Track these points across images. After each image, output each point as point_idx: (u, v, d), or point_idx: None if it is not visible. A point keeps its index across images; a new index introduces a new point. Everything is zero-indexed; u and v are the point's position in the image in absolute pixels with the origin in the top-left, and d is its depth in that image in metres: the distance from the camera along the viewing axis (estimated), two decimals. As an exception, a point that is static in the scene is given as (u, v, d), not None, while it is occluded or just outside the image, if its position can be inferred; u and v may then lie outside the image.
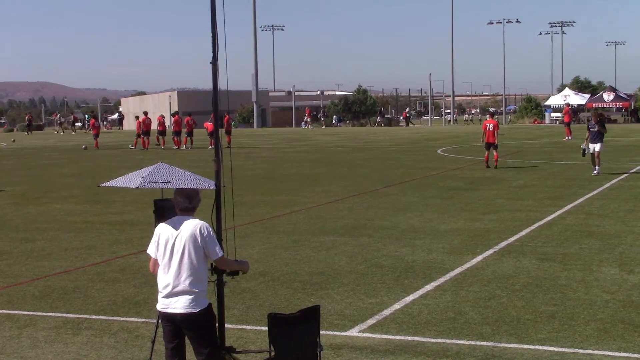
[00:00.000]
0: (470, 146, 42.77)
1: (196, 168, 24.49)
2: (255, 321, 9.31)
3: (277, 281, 11.42)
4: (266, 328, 6.81)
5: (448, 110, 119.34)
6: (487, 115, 32.19)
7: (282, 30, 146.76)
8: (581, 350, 8.09)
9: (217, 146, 7.12)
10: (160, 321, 6.77)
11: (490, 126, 28.81)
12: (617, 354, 7.99)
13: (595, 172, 25.29)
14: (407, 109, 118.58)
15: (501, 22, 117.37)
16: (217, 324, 6.80)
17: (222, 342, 6.94)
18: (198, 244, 6.49)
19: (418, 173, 27.80)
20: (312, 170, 30.48)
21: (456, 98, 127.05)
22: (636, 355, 7.93)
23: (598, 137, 25.70)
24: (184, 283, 6.48)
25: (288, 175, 28.54)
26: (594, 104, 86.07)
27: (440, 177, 26.47)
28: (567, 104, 63.42)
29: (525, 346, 8.27)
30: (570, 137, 46.39)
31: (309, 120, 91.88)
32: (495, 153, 28.62)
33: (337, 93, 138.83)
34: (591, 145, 25.74)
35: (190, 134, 45.49)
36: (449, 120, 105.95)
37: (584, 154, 26.38)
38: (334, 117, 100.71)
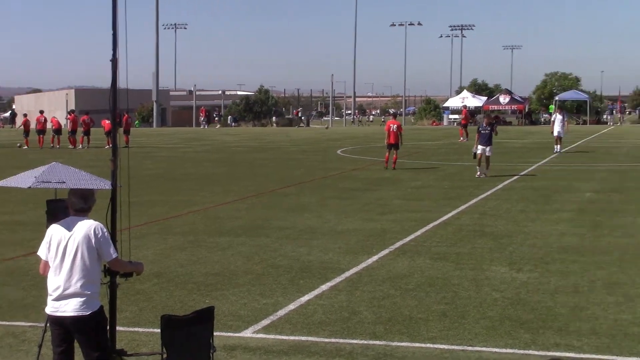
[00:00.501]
0: (369, 147, 43.25)
1: (92, 168, 24.01)
2: (148, 323, 9.19)
3: (171, 282, 11.32)
4: (159, 330, 6.74)
5: (349, 111, 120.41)
6: (390, 117, 32.58)
7: (185, 29, 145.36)
8: (470, 348, 8.27)
9: (114, 145, 7.03)
10: (48, 325, 6.62)
11: (394, 127, 29.10)
12: (504, 350, 8.20)
13: (479, 173, 25.48)
14: (300, 109, 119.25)
15: (403, 24, 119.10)
16: (108, 327, 6.70)
17: (113, 345, 6.84)
18: (92, 245, 6.38)
19: (317, 173, 27.96)
20: (212, 170, 30.33)
21: (357, 99, 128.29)
22: (522, 352, 8.16)
23: (489, 139, 25.90)
24: (76, 285, 6.36)
25: (187, 175, 28.32)
26: (490, 106, 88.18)
27: (339, 177, 26.68)
28: (465, 106, 64.96)
29: (417, 344, 8.41)
30: (466, 139, 47.37)
31: (203, 120, 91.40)
32: (395, 154, 28.92)
33: (239, 93, 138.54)
34: (480, 147, 25.79)
35: (87, 133, 44.70)
36: (352, 121, 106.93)
37: (475, 157, 26.46)
38: (229, 117, 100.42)
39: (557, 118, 37.68)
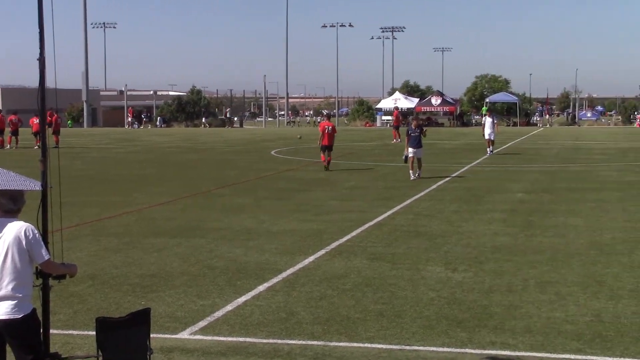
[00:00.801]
0: (303, 147, 43.29)
1: (21, 168, 23.51)
2: (83, 326, 9.03)
3: (106, 284, 11.14)
4: (94, 333, 6.63)
5: (282, 112, 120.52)
6: (324, 118, 32.45)
7: (114, 28, 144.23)
8: (407, 347, 8.31)
9: (44, 145, 6.87)
10: (-21, 328, 6.45)
11: (329, 128, 29.02)
12: (441, 349, 8.26)
13: (414, 176, 25.28)
14: (228, 109, 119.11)
15: (335, 26, 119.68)
16: (42, 330, 6.56)
17: (46, 348, 6.70)
18: (22, 247, 6.24)
19: (252, 174, 27.88)
20: (145, 171, 30.01)
21: (290, 100, 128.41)
22: (458, 350, 8.23)
23: (419, 142, 25.66)
24: (7, 288, 6.21)
25: (120, 176, 27.97)
26: (422, 108, 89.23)
27: (274, 178, 26.65)
28: (396, 108, 65.56)
29: (355, 344, 8.42)
30: (399, 140, 47.73)
31: (130, 120, 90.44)
32: (329, 156, 28.89)
33: (171, 93, 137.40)
34: (411, 150, 25.60)
35: (15, 133, 43.90)
36: (287, 122, 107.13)
37: (406, 160, 26.21)
38: (158, 118, 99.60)
39: (487, 121, 37.90)
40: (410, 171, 25.60)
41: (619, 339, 8.58)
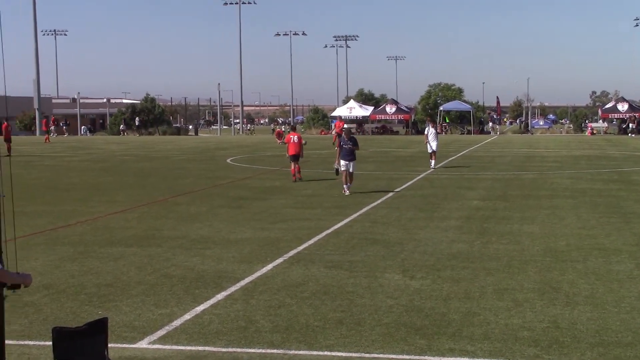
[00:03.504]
0: (259, 156, 43.22)
1: (-27, 177, 23.19)
2: (39, 336, 8.91)
3: (62, 294, 11.00)
4: (50, 343, 6.53)
5: (237, 120, 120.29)
6: (288, 127, 31.86)
7: (65, 35, 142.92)
8: (367, 355, 8.32)
9: (-5, 153, 6.76)
10: None
11: (295, 138, 28.54)
12: (400, 356, 8.28)
13: (345, 190, 23.78)
14: (136, 117, 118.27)
15: (288, 34, 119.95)
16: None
17: (1, 359, 6.59)
18: (-25, 257, 6.13)
19: (207, 182, 27.75)
20: (99, 179, 29.71)
21: (245, 108, 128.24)
22: (417, 357, 8.26)
23: (351, 154, 24.18)
24: (-40, 298, 6.10)
25: (73, 184, 27.66)
26: (377, 116, 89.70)
27: (230, 186, 26.55)
28: (339, 117, 65.97)
29: (315, 352, 8.41)
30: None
31: (53, 128, 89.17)
32: (297, 165, 28.13)
33: (124, 101, 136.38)
34: (343, 163, 24.26)
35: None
36: (239, 130, 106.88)
37: (337, 173, 25.19)
38: (82, 127, 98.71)
39: (431, 131, 34.85)
40: (344, 186, 24.06)
41: (575, 344, 8.68)
